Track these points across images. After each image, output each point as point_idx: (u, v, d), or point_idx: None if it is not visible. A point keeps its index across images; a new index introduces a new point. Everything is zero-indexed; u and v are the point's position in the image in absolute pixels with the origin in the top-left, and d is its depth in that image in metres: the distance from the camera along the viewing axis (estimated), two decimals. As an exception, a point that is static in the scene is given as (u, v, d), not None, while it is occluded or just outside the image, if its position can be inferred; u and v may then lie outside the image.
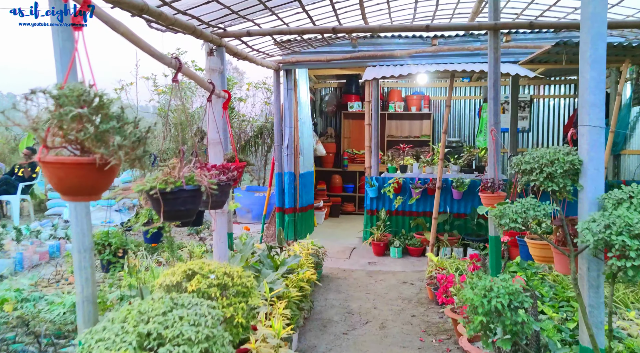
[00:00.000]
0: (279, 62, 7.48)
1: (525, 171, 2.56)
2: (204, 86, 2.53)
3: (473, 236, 7.01)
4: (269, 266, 4.80)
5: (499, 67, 4.74)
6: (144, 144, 1.25)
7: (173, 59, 2.08)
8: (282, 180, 7.78)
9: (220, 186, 2.54)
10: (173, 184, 1.94)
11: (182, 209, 1.98)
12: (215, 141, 2.84)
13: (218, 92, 2.81)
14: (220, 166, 2.60)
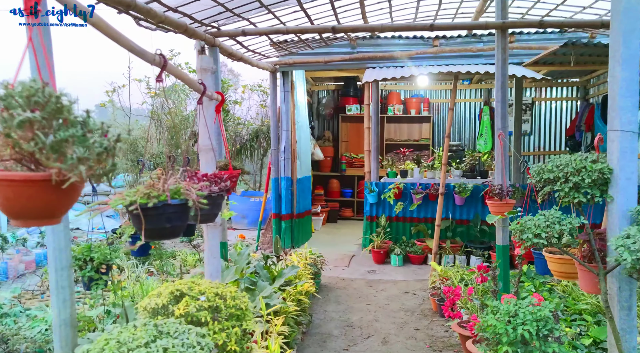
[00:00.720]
0: (275, 64, 7.24)
1: (548, 180, 2.32)
2: (193, 87, 2.29)
3: (476, 243, 6.78)
4: (265, 277, 4.55)
5: (506, 68, 4.51)
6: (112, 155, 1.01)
7: (157, 56, 1.83)
8: (279, 185, 7.53)
9: (211, 198, 2.29)
10: (156, 199, 1.70)
11: (167, 227, 1.73)
12: (207, 147, 2.59)
13: (210, 94, 2.57)
14: (212, 176, 2.35)
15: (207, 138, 2.57)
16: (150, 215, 1.69)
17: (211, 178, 2.35)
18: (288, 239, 7.50)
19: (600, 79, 8.82)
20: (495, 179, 4.57)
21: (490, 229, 6.84)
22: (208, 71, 2.63)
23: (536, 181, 2.40)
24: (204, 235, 2.69)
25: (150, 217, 1.70)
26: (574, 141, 9.23)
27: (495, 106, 4.58)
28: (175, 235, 1.80)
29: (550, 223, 2.20)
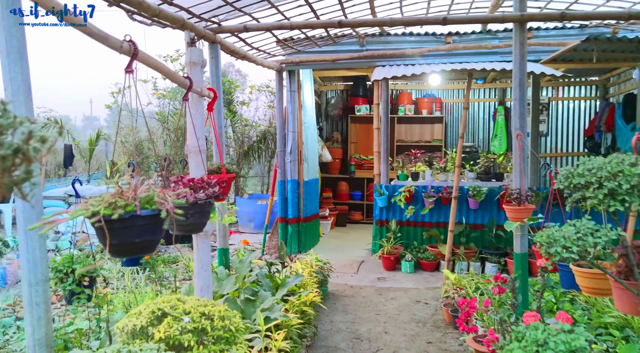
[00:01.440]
0: (281, 63, 7.00)
1: (578, 186, 2.04)
2: (177, 81, 2.05)
3: (491, 250, 6.46)
4: (267, 287, 4.29)
5: (525, 64, 4.22)
6: (28, 160, 0.77)
7: (124, 42, 1.59)
8: (285, 188, 7.28)
9: (197, 206, 2.04)
10: (123, 209, 1.45)
11: (136, 242, 1.49)
12: (195, 149, 2.35)
13: (200, 90, 2.33)
14: (198, 181, 2.11)
15: (196, 139, 2.32)
16: (115, 229, 1.45)
17: (197, 183, 2.11)
18: (295, 244, 7.25)
19: (621, 78, 8.45)
20: (513, 183, 4.27)
21: (507, 234, 6.52)
22: (198, 65, 2.39)
23: (564, 186, 2.11)
24: (193, 245, 2.45)
25: (116, 231, 1.45)
26: (593, 142, 8.86)
27: (513, 105, 4.28)
28: (147, 251, 1.55)
29: (582, 234, 1.91)
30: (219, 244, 4.75)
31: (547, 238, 1.98)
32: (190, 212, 2.04)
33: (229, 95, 10.47)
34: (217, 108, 4.69)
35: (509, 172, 7.07)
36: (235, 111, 10.55)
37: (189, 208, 2.03)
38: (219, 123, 4.71)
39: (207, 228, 2.45)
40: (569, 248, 1.90)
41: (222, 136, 4.72)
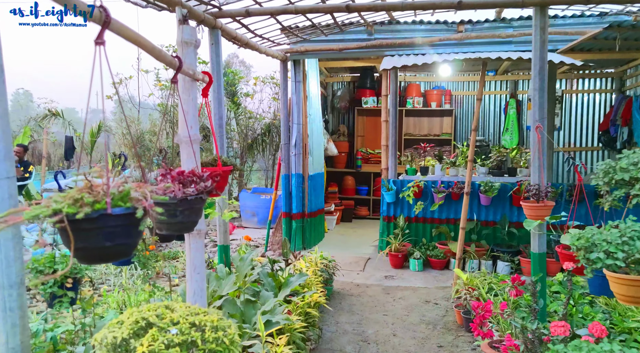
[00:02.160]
0: (286, 52, 6.74)
1: (621, 182, 1.78)
2: (163, 60, 1.80)
3: (503, 247, 6.21)
4: (269, 286, 4.07)
5: (545, 51, 3.94)
6: None
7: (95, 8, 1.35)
8: (290, 183, 7.04)
9: (186, 203, 1.80)
10: (90, 207, 1.21)
11: (107, 246, 1.25)
12: (187, 139, 2.11)
13: (192, 73, 2.08)
14: (188, 174, 1.87)
15: (187, 128, 2.08)
16: (82, 230, 1.21)
17: (188, 176, 1.86)
18: (299, 240, 7.02)
19: (639, 70, 8.13)
20: (531, 178, 4.00)
21: (520, 231, 6.27)
22: (190, 45, 2.14)
23: (604, 182, 1.85)
24: (185, 245, 2.21)
25: (83, 233, 1.21)
26: (609, 137, 8.55)
27: (532, 95, 4.01)
28: (121, 256, 1.32)
29: (628, 238, 1.66)
30: (220, 240, 4.52)
31: (585, 242, 1.73)
32: (178, 209, 1.81)
33: (232, 86, 10.22)
34: (218, 98, 4.45)
35: (522, 167, 6.80)
36: (239, 103, 10.30)
37: (177, 204, 1.79)
38: (219, 113, 4.47)
39: (201, 226, 2.22)
40: (612, 253, 1.65)
41: (223, 127, 4.48)
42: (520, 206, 6.35)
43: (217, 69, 4.42)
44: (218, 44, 4.43)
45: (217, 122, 4.45)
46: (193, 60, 2.16)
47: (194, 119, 2.15)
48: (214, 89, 4.44)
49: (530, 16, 6.30)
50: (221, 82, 4.46)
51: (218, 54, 4.44)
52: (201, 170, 2.19)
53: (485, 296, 4.51)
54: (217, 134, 4.48)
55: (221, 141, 4.48)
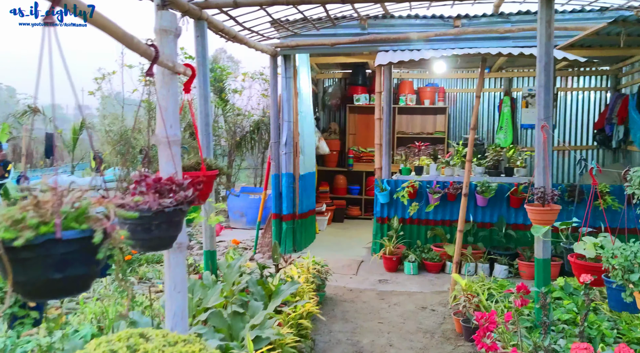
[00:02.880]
0: (276, 46, 6.47)
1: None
2: (136, 49, 1.53)
3: (500, 250, 6.02)
4: (259, 295, 3.81)
5: (551, 45, 3.74)
6: None
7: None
8: (280, 183, 6.79)
9: (163, 216, 1.54)
10: (34, 230, 0.95)
11: (56, 279, 0.99)
12: (165, 139, 1.85)
13: (172, 65, 1.82)
14: (166, 181, 1.61)
15: (165, 127, 1.82)
16: (22, 260, 0.95)
17: (165, 184, 1.60)
18: (289, 242, 6.77)
19: (635, 67, 7.98)
20: (536, 180, 3.79)
21: (517, 233, 6.08)
22: (170, 34, 1.88)
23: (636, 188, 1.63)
24: (164, 260, 1.95)
25: (23, 263, 0.95)
26: (604, 135, 8.42)
27: (537, 92, 3.80)
28: (77, 290, 1.06)
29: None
30: (205, 245, 4.26)
31: (624, 261, 1.50)
32: (154, 223, 1.55)
33: (220, 82, 9.92)
34: (204, 94, 4.19)
35: (519, 167, 6.61)
36: (227, 99, 10.00)
37: (152, 218, 1.53)
38: (205, 110, 4.20)
39: (182, 239, 1.96)
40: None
41: (209, 125, 4.22)
42: (518, 208, 6.20)
43: (203, 63, 4.15)
44: (204, 37, 4.16)
45: (202, 120, 4.18)
46: (173, 50, 1.90)
47: (174, 117, 1.89)
48: (200, 84, 4.18)
49: (529, 11, 6.14)
50: (207, 78, 4.19)
51: (204, 47, 4.18)
52: (182, 175, 1.94)
53: (485, 304, 4.31)
54: (203, 133, 4.21)
55: (207, 140, 4.22)
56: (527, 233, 6.09)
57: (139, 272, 5.67)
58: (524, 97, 9.12)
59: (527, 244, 6.03)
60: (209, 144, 4.22)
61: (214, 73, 9.87)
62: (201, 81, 4.15)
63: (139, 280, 5.55)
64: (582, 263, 2.56)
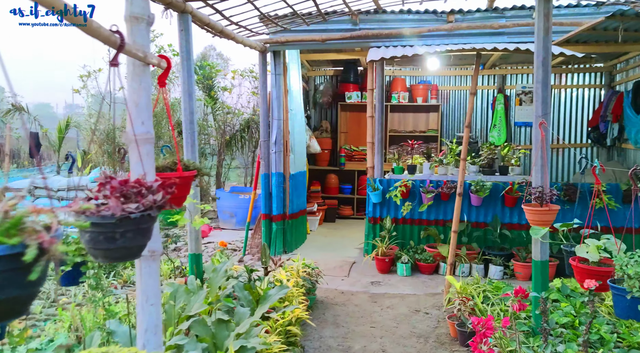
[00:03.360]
0: (265, 42, 6.29)
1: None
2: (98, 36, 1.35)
3: (495, 250, 5.90)
4: (246, 301, 3.65)
5: (549, 40, 3.60)
6: None
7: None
8: (269, 182, 6.62)
9: (129, 222, 1.37)
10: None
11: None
12: (138, 137, 1.68)
13: (143, 55, 1.65)
14: (134, 184, 1.44)
15: (138, 124, 1.65)
16: None
17: (132, 187, 1.44)
18: (280, 243, 6.60)
19: (630, 64, 7.89)
20: (533, 179, 3.66)
21: (512, 233, 5.96)
22: (142, 21, 1.71)
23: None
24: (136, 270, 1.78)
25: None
26: (598, 133, 8.33)
27: (535, 88, 3.66)
28: (11, 316, 0.89)
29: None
30: (191, 248, 4.09)
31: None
32: (118, 231, 1.38)
33: (209, 80, 9.71)
34: (188, 90, 4.01)
35: (514, 166, 6.49)
36: (217, 97, 9.80)
37: (116, 225, 1.36)
38: (190, 107, 4.03)
39: (155, 246, 1.79)
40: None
41: (194, 123, 4.04)
42: (513, 207, 6.08)
43: (188, 58, 3.97)
44: (188, 31, 3.98)
45: (187, 117, 4.00)
46: (145, 39, 1.73)
47: (146, 113, 1.72)
48: (184, 80, 4.00)
49: (524, 6, 6.00)
50: (192, 73, 4.01)
51: (188, 42, 3.99)
52: (155, 176, 1.77)
53: (481, 307, 4.17)
54: (187, 131, 4.04)
55: (192, 138, 4.04)
56: (522, 232, 5.97)
57: (124, 275, 5.49)
58: (517, 95, 9.02)
59: (523, 244, 5.92)
60: (194, 142, 4.04)
61: (203, 71, 9.67)
62: (185, 77, 3.98)
63: (124, 284, 5.37)
64: (586, 267, 2.42)
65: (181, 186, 1.87)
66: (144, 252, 1.76)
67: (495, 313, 4.10)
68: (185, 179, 1.91)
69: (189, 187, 2.00)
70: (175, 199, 1.87)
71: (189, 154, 4.04)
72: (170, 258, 5.74)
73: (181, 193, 1.92)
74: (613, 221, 5.80)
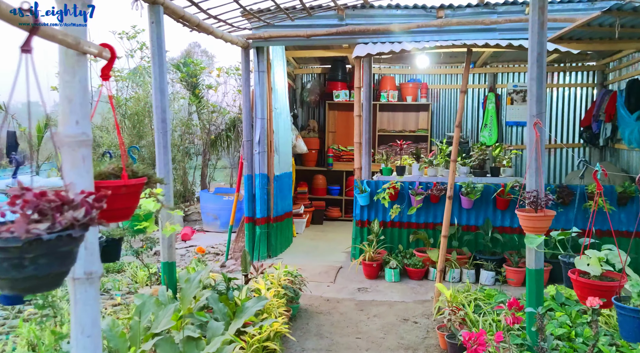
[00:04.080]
0: (247, 38, 6.03)
1: None
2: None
3: (486, 254, 5.68)
4: (221, 314, 3.39)
5: (545, 35, 3.37)
6: None
7: None
8: (253, 184, 6.35)
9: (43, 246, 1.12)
10: None
11: None
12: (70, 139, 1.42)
13: (74, 42, 1.39)
14: (53, 197, 1.18)
15: (71, 123, 1.39)
16: None
17: (51, 201, 1.18)
18: (263, 248, 6.34)
19: (623, 62, 7.73)
20: (528, 182, 3.43)
21: (504, 237, 5.75)
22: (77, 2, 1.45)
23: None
24: (69, 296, 1.52)
25: None
26: (590, 133, 8.16)
27: (529, 85, 3.44)
28: None
29: None
30: (163, 257, 3.82)
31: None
32: (27, 256, 1.12)
33: (194, 78, 9.42)
34: (160, 87, 3.74)
35: (506, 167, 6.28)
36: (202, 95, 9.52)
37: (24, 249, 1.10)
38: (162, 106, 3.76)
39: (93, 268, 1.52)
40: None
41: (166, 122, 3.77)
42: (505, 210, 5.86)
43: (159, 52, 3.70)
44: (159, 23, 3.71)
45: (158, 115, 3.74)
46: (80, 22, 1.47)
47: (82, 111, 1.46)
48: (155, 76, 3.74)
49: (516, 1, 5.78)
50: (163, 69, 3.74)
51: (159, 36, 3.73)
52: (93, 185, 1.51)
53: (472, 318, 3.95)
54: (159, 131, 3.77)
55: (164, 139, 3.78)
56: (515, 236, 5.77)
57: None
58: (509, 94, 8.83)
59: (515, 248, 5.72)
60: (166, 144, 3.78)
61: (187, 68, 9.38)
62: (157, 72, 3.72)
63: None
64: (587, 282, 2.20)
65: (127, 196, 1.61)
66: (79, 274, 1.50)
67: (487, 323, 3.88)
68: (132, 188, 1.65)
69: (138, 197, 1.75)
70: (118, 211, 1.62)
71: (161, 156, 3.78)
72: (147, 264, 5.46)
73: (127, 204, 1.66)
74: (607, 225, 5.61)
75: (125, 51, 9.12)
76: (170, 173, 3.83)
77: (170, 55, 14.27)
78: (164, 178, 3.79)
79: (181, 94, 9.78)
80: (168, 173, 3.81)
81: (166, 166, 3.80)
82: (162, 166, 3.78)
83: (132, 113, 8.58)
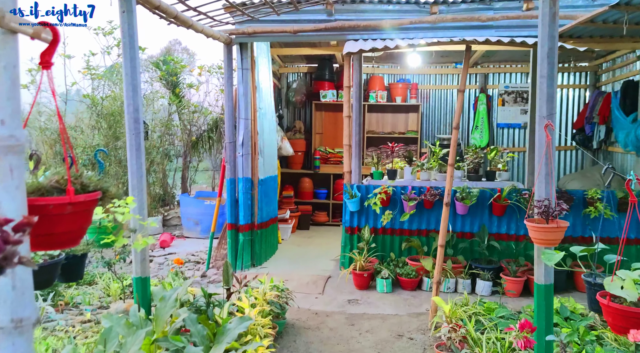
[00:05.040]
0: (230, 33, 5.67)
1: None
2: None
3: (483, 263, 5.40)
4: (199, 337, 3.02)
5: (556, 27, 3.09)
6: None
7: None
8: (236, 188, 5.98)
9: None
10: None
11: None
12: None
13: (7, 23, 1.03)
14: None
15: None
16: None
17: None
18: (247, 256, 5.97)
19: (617, 63, 7.55)
20: (537, 190, 3.13)
21: (501, 244, 5.48)
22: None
23: None
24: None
25: None
26: (584, 135, 7.97)
27: (539, 83, 3.15)
28: None
29: None
30: (135, 272, 3.44)
31: None
32: None
33: (174, 76, 9.01)
34: (132, 83, 3.36)
35: (501, 171, 6.02)
36: (182, 95, 9.10)
37: None
38: (135, 105, 3.38)
39: (25, 313, 1.16)
40: None
41: (139, 122, 3.40)
42: (502, 216, 5.58)
43: (131, 44, 3.33)
44: (131, 13, 3.34)
45: (130, 115, 3.36)
46: None
47: (10, 107, 1.11)
48: (127, 72, 3.36)
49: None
50: (136, 63, 3.37)
51: (132, 26, 3.35)
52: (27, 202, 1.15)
53: (474, 336, 3.65)
54: (131, 132, 3.40)
55: (137, 140, 3.40)
56: (512, 244, 5.51)
57: (65, 296, 4.79)
58: (500, 95, 8.61)
59: (512, 256, 5.45)
60: (139, 146, 3.40)
61: (167, 66, 8.96)
62: (128, 67, 3.34)
63: (64, 306, 4.67)
64: (625, 310, 1.90)
65: (74, 216, 1.25)
66: (3, 322, 1.13)
67: (491, 342, 3.58)
68: (81, 205, 1.30)
69: (89, 216, 1.38)
70: (62, 236, 1.26)
71: (134, 160, 3.40)
72: (121, 274, 5.06)
73: (73, 227, 1.30)
74: (608, 231, 5.39)
75: (102, 47, 8.68)
76: (143, 177, 3.46)
77: (150, 52, 13.80)
78: (137, 183, 3.42)
79: (161, 94, 9.35)
80: (141, 178, 3.43)
81: (139, 170, 3.42)
82: (135, 170, 3.41)
83: (108, 113, 8.14)
